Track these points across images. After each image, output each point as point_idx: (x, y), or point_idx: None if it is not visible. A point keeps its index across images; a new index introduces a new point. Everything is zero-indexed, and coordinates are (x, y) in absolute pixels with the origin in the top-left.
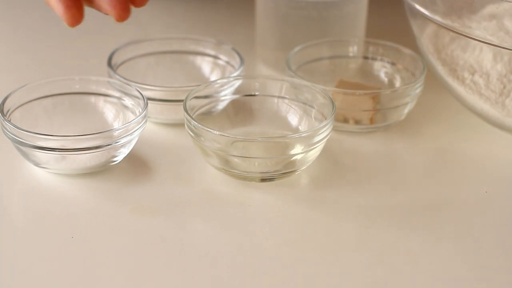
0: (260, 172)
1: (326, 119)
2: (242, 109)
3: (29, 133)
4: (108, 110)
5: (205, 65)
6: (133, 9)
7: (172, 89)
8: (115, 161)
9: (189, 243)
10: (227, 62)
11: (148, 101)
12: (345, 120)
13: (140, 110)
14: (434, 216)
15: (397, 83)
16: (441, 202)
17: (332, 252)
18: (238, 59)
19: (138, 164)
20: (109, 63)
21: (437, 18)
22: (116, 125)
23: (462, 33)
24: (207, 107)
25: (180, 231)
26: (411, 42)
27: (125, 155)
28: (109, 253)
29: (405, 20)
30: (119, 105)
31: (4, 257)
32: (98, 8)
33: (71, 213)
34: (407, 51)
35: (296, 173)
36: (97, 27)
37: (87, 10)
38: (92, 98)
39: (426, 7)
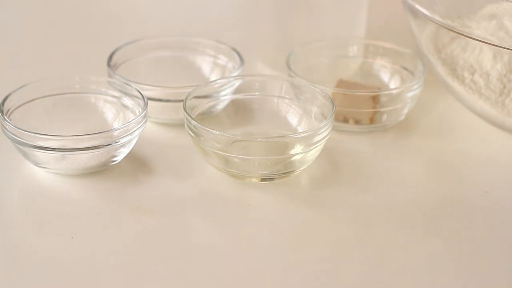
0: (260, 172)
1: (326, 119)
2: (242, 109)
3: (29, 133)
4: (108, 110)
5: (205, 65)
6: (133, 8)
7: (172, 89)
8: (115, 161)
9: (189, 243)
10: (227, 62)
11: (148, 101)
12: (345, 120)
13: (140, 110)
14: (434, 216)
15: (397, 83)
16: (441, 202)
17: (332, 252)
18: (238, 59)
19: (138, 164)
20: (109, 63)
21: (437, 18)
22: (116, 125)
23: (462, 33)
24: (207, 107)
25: (180, 231)
26: (411, 42)
27: (125, 155)
28: (109, 253)
29: (405, 20)
30: (119, 105)
31: (4, 257)
32: None
33: (71, 213)
34: (407, 51)
35: (296, 173)
36: (97, 27)
37: (87, 10)
38: (92, 98)
39: (426, 7)
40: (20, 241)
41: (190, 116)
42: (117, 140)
